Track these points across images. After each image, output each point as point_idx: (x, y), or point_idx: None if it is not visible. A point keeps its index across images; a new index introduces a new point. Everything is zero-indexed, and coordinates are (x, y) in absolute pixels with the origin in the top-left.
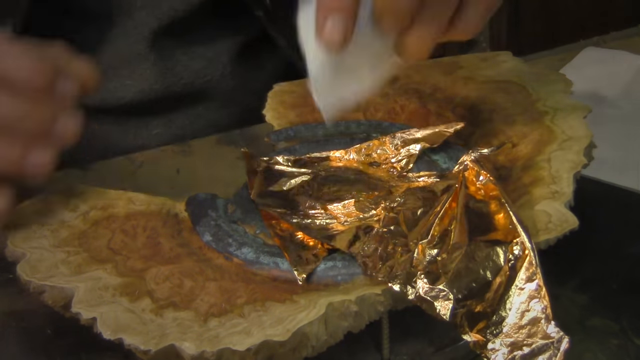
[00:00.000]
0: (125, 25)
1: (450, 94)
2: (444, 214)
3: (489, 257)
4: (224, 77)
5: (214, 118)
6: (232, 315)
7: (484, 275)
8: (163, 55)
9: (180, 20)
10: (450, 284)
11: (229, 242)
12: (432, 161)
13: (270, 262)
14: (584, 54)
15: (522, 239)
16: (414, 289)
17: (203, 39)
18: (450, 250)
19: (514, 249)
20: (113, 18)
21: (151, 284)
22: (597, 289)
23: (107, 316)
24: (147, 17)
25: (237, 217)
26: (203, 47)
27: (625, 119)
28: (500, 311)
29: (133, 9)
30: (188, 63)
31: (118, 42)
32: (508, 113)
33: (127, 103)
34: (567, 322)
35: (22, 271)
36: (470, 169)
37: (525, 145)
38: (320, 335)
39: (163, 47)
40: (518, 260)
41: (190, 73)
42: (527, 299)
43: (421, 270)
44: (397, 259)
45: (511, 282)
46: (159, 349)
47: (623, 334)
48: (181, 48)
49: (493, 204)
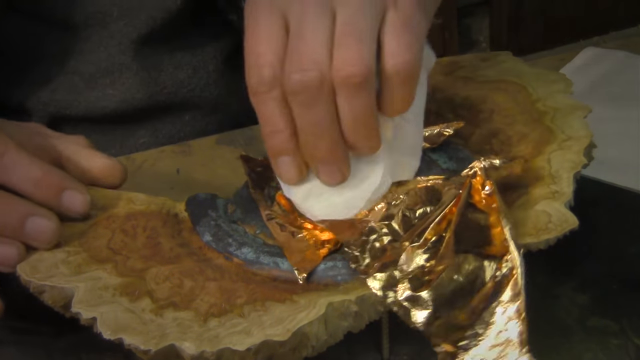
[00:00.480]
0: (103, 36)
1: (450, 94)
2: (442, 219)
3: (475, 271)
4: (208, 86)
5: (200, 125)
6: (232, 315)
7: (467, 288)
8: (146, 64)
9: (160, 28)
10: (433, 292)
11: (229, 242)
12: (432, 161)
13: (270, 262)
14: (584, 54)
15: (512, 258)
16: (394, 294)
17: (188, 46)
18: (439, 257)
19: (503, 267)
20: (90, 29)
21: (151, 284)
22: (597, 289)
23: (107, 316)
24: (125, 27)
25: (237, 217)
26: (190, 55)
27: (625, 119)
28: (477, 327)
29: (109, 20)
30: (173, 72)
31: (98, 52)
32: (508, 113)
33: (110, 113)
34: (567, 322)
35: (22, 271)
36: (479, 176)
37: (525, 145)
38: (320, 335)
39: (146, 57)
40: (504, 279)
41: (174, 82)
42: (506, 319)
43: (406, 274)
44: (384, 257)
45: (493, 299)
46: (159, 349)
47: (623, 334)
48: (167, 57)
49: (493, 217)
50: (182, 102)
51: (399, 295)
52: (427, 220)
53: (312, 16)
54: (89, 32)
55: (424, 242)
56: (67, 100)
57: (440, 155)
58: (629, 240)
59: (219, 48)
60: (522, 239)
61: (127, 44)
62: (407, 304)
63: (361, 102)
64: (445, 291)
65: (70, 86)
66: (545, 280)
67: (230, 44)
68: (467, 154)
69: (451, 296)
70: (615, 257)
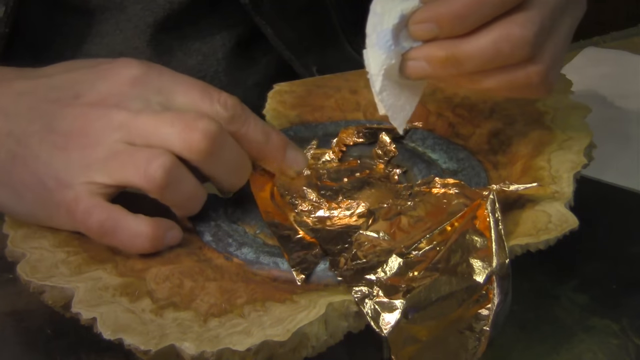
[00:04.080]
0: (120, 20)
1: (450, 94)
2: (442, 230)
3: (451, 296)
4: (217, 74)
5: None
6: (232, 315)
7: (437, 310)
8: (159, 50)
9: (177, 14)
10: (407, 302)
11: (229, 242)
12: (432, 161)
13: (270, 262)
14: (584, 54)
15: (493, 291)
16: (369, 299)
17: (200, 34)
18: (426, 269)
19: (480, 296)
20: (107, 12)
21: (151, 284)
22: (597, 289)
23: (107, 316)
24: (143, 11)
25: (237, 217)
26: (199, 42)
27: (625, 119)
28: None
29: (127, 3)
30: (183, 59)
31: (114, 36)
32: (508, 113)
33: None
34: (567, 322)
35: (22, 271)
36: (490, 200)
37: (525, 145)
38: (320, 336)
39: (159, 42)
40: (475, 306)
41: (184, 69)
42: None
43: (384, 279)
44: (364, 262)
45: (458, 325)
46: (159, 349)
47: (623, 334)
48: (178, 43)
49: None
50: None
51: (373, 299)
52: (424, 229)
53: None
54: (107, 16)
55: (414, 250)
56: None
57: (440, 155)
58: (629, 240)
59: (227, 36)
60: (522, 239)
61: (143, 27)
62: (379, 307)
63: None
64: (419, 305)
65: None
66: (545, 280)
67: (241, 30)
68: (467, 154)
69: (422, 311)
70: (615, 257)
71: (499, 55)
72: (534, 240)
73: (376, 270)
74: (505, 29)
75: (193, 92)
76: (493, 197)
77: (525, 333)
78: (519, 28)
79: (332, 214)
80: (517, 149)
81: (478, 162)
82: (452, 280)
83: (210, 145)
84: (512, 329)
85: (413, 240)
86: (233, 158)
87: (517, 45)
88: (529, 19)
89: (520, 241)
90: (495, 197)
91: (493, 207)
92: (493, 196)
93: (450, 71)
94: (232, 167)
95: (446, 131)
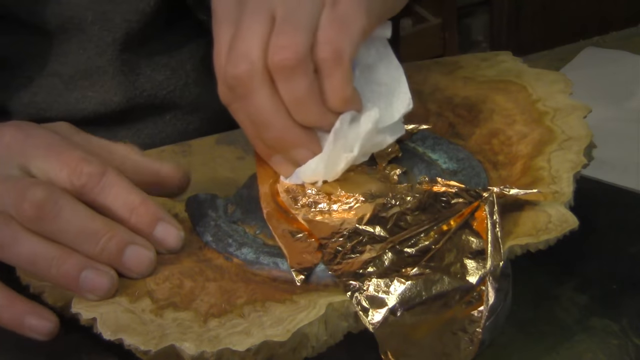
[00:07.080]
0: (81, 40)
1: (450, 94)
2: (438, 230)
3: (443, 295)
4: (187, 86)
5: (182, 124)
6: (232, 315)
7: (432, 309)
8: (123, 68)
9: (136, 32)
10: (397, 299)
11: (229, 243)
12: (432, 161)
13: (270, 262)
14: (584, 54)
15: (486, 293)
16: (359, 293)
17: (165, 48)
18: (418, 267)
19: (473, 297)
20: (68, 32)
21: (151, 284)
22: (597, 289)
23: (107, 316)
24: (101, 31)
25: (237, 217)
26: (167, 57)
27: (625, 119)
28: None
29: (84, 24)
30: (151, 74)
31: (77, 55)
32: (508, 113)
33: (90, 114)
34: (567, 322)
35: (22, 272)
36: (490, 202)
37: (525, 145)
38: (320, 336)
39: (123, 60)
40: (468, 307)
41: (153, 85)
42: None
43: (376, 275)
44: (358, 258)
45: (452, 326)
46: (159, 349)
47: (623, 334)
48: (144, 60)
49: (486, 243)
50: (162, 103)
51: (363, 294)
52: (421, 226)
53: (248, 15)
54: (68, 36)
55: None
56: (47, 102)
57: (440, 155)
58: (629, 240)
59: (194, 48)
60: (522, 239)
61: (104, 47)
62: (368, 303)
63: (297, 85)
64: (409, 302)
65: (50, 88)
66: (545, 280)
67: (205, 43)
68: (467, 154)
69: (412, 309)
70: (615, 257)
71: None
72: (534, 240)
73: (369, 265)
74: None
75: (51, 158)
76: (492, 199)
77: (525, 333)
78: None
79: (331, 208)
80: (517, 149)
81: (478, 162)
82: (445, 279)
83: (38, 212)
84: (512, 329)
85: (408, 237)
86: (77, 223)
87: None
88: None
89: (520, 241)
90: (494, 199)
91: (492, 209)
92: (492, 198)
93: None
94: (75, 231)
95: (446, 131)
